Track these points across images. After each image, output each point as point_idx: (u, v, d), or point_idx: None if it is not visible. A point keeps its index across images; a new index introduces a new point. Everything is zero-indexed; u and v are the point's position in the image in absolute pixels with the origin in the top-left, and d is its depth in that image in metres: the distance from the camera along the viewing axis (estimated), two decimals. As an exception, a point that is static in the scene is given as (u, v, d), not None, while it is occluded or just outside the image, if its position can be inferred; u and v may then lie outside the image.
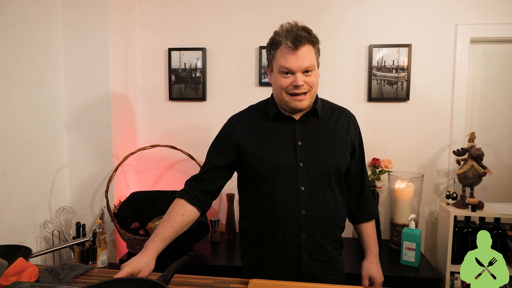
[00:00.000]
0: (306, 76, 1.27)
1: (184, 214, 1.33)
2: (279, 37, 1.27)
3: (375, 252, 1.50)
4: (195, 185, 1.40)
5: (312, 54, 1.27)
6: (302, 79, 1.26)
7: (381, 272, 1.48)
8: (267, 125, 1.37)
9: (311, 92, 1.30)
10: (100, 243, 2.00)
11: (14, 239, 1.83)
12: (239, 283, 1.25)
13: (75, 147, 2.22)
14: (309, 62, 1.26)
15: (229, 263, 2.06)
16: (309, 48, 1.26)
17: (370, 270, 1.47)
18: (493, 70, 2.33)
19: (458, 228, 2.10)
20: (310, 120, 1.36)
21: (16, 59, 1.83)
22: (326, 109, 1.41)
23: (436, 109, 2.33)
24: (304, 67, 1.26)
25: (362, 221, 1.51)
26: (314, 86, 1.30)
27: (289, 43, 1.24)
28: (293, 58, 1.25)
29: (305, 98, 1.29)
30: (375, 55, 2.31)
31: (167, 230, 1.28)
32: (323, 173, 1.32)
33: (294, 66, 1.26)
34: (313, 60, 1.28)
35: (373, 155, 2.36)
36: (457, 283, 2.09)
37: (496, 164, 2.33)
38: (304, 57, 1.25)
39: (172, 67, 2.46)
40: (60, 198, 2.19)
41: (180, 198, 1.36)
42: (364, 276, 1.47)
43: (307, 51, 1.26)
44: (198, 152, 2.39)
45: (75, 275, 1.30)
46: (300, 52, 1.25)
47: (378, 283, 1.46)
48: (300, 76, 1.26)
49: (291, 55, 1.25)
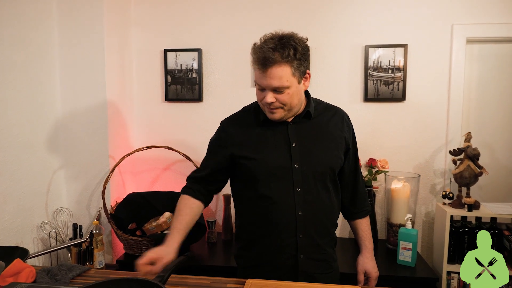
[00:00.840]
0: (278, 93, 1.25)
1: (192, 207, 1.38)
2: (252, 53, 1.26)
3: (370, 247, 1.52)
4: (198, 183, 1.44)
5: (284, 73, 1.22)
6: (273, 96, 1.25)
7: (376, 267, 1.49)
8: (260, 128, 1.37)
9: (286, 108, 1.29)
10: (97, 244, 2.00)
11: (11, 240, 1.83)
12: (236, 283, 1.25)
13: (72, 149, 2.22)
14: (278, 82, 1.22)
15: (226, 263, 2.06)
16: (280, 68, 1.21)
17: (366, 265, 1.48)
18: (489, 70, 2.34)
19: (454, 228, 2.11)
20: (303, 121, 1.37)
21: (11, 60, 1.83)
22: (320, 109, 1.41)
23: (432, 109, 2.34)
24: (272, 87, 1.24)
25: (356, 218, 1.52)
26: (287, 103, 1.27)
27: (257, 64, 1.23)
28: (262, 77, 1.24)
29: (278, 112, 1.30)
30: (371, 55, 2.32)
31: (181, 222, 1.32)
32: (318, 173, 1.33)
33: (263, 84, 1.26)
34: (285, 80, 1.23)
35: (370, 155, 2.37)
36: (453, 283, 2.10)
37: (492, 164, 2.35)
38: (273, 78, 1.22)
39: (168, 68, 2.46)
40: (57, 200, 2.18)
41: (185, 194, 1.41)
42: (360, 271, 1.49)
43: (277, 72, 1.21)
44: (195, 153, 2.39)
45: (72, 276, 1.31)
46: (269, 73, 1.22)
47: (373, 278, 1.47)
48: (270, 94, 1.25)
49: (261, 74, 1.24)
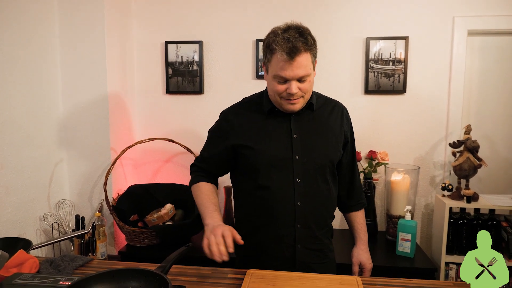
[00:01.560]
0: (301, 83, 1.26)
1: (213, 190, 1.42)
2: (275, 45, 1.23)
3: (365, 239, 1.54)
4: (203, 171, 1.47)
5: (308, 62, 1.25)
6: (297, 86, 1.26)
7: (370, 259, 1.52)
8: (262, 119, 1.37)
9: (305, 97, 1.31)
10: (99, 235, 2.02)
11: (14, 232, 1.85)
12: (236, 273, 1.27)
13: (73, 141, 2.23)
14: (304, 71, 1.24)
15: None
16: (305, 56, 1.23)
17: (360, 257, 1.51)
18: (490, 63, 2.34)
19: (453, 219, 2.13)
20: (305, 114, 1.38)
21: (13, 55, 1.83)
22: (320, 102, 1.42)
23: (433, 101, 2.34)
24: (299, 76, 1.25)
25: (352, 210, 1.54)
26: (308, 92, 1.30)
27: (285, 55, 1.21)
28: (288, 68, 1.23)
29: (298, 102, 1.30)
30: (372, 48, 2.32)
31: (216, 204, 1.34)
32: (319, 165, 1.34)
33: (289, 76, 1.25)
34: (309, 67, 1.26)
35: (370, 148, 2.38)
36: (451, 273, 2.12)
37: (491, 156, 2.35)
38: (300, 67, 1.23)
39: (169, 61, 2.46)
40: (59, 192, 2.20)
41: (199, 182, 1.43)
42: (354, 263, 1.51)
43: (303, 60, 1.23)
44: (196, 145, 2.40)
45: (75, 267, 1.32)
46: (296, 63, 1.22)
47: (367, 269, 1.50)
48: (294, 84, 1.26)
49: (287, 65, 1.23)
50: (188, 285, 1.16)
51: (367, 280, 1.23)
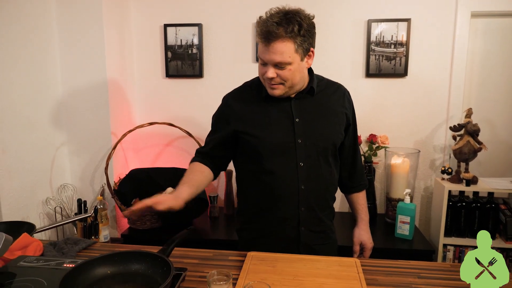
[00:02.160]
0: (279, 69, 1.25)
1: (203, 171, 1.37)
2: (257, 27, 1.25)
3: (366, 220, 1.56)
4: (206, 158, 1.43)
5: (286, 49, 1.21)
6: (274, 71, 1.25)
7: (371, 239, 1.54)
8: (263, 103, 1.37)
9: (286, 85, 1.29)
10: (102, 218, 2.04)
11: (18, 215, 1.87)
12: (238, 255, 1.29)
13: (73, 126, 2.23)
14: (280, 58, 1.22)
15: (228, 237, 2.11)
16: (284, 43, 1.21)
17: (361, 236, 1.53)
18: (493, 45, 2.32)
19: (452, 202, 2.15)
20: (306, 97, 1.37)
21: (10, 40, 1.82)
22: (322, 86, 1.42)
23: (434, 84, 2.33)
24: (274, 62, 1.24)
25: (354, 192, 1.56)
26: (289, 80, 1.27)
27: (260, 38, 1.23)
28: (265, 52, 1.24)
29: (278, 88, 1.29)
30: (374, 30, 2.29)
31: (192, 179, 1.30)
32: (321, 148, 1.35)
33: (265, 59, 1.25)
34: (287, 56, 1.22)
35: (370, 131, 2.38)
36: (449, 255, 2.15)
37: (492, 140, 2.35)
38: (275, 53, 1.22)
39: (168, 44, 2.44)
40: (61, 176, 2.21)
41: (195, 161, 1.41)
42: (355, 242, 1.54)
43: (279, 47, 1.21)
44: (196, 129, 2.40)
45: (79, 249, 1.34)
46: (272, 48, 1.22)
47: (368, 248, 1.52)
48: (271, 69, 1.25)
49: (264, 48, 1.24)
50: (190, 267, 1.18)
51: (365, 262, 1.25)
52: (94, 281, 1.01)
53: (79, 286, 0.98)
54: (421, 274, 1.17)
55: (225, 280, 0.87)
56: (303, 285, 1.07)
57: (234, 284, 1.06)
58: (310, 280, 1.10)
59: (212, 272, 0.89)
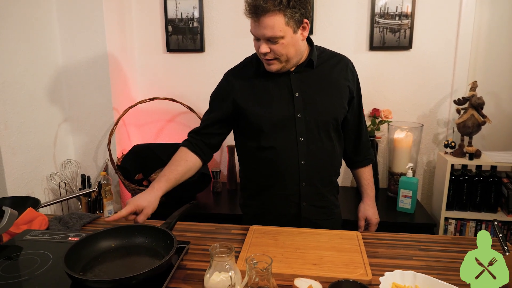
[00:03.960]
0: (272, 44, 1.22)
1: (187, 159, 1.35)
2: (244, 2, 1.21)
3: (372, 195, 1.56)
4: (197, 137, 1.41)
5: (277, 23, 1.18)
6: (267, 46, 1.23)
7: (377, 214, 1.54)
8: (263, 78, 1.35)
9: (281, 59, 1.26)
10: (106, 193, 2.06)
11: (23, 191, 1.89)
12: (240, 229, 1.31)
13: (75, 101, 2.22)
14: (271, 32, 1.19)
15: (230, 211, 2.14)
16: (273, 17, 1.17)
17: (366, 212, 1.53)
18: (500, 17, 2.25)
19: (454, 176, 2.15)
20: (305, 70, 1.35)
21: (9, 15, 1.78)
22: (324, 57, 1.38)
23: (439, 57, 2.28)
24: (265, 37, 1.21)
25: (359, 166, 1.54)
26: (282, 54, 1.24)
27: (249, 14, 1.20)
28: (255, 27, 1.22)
29: (274, 63, 1.27)
30: (378, 2, 2.23)
31: (172, 172, 1.30)
32: (322, 123, 1.33)
33: (256, 34, 1.23)
34: (278, 29, 1.19)
35: (373, 106, 2.35)
36: (450, 228, 2.17)
37: (496, 113, 2.33)
38: (266, 27, 1.19)
39: (169, 17, 2.39)
40: (64, 151, 2.23)
41: (183, 146, 1.39)
42: (361, 218, 1.54)
43: (269, 21, 1.18)
44: (198, 104, 2.39)
45: (83, 223, 1.37)
46: (261, 22, 1.19)
47: (373, 224, 1.53)
48: (264, 44, 1.23)
49: (254, 23, 1.21)
50: (193, 241, 1.20)
51: (367, 235, 1.26)
52: (99, 254, 1.03)
53: (84, 258, 1.00)
54: (422, 247, 1.19)
55: (227, 253, 0.88)
56: (304, 258, 1.08)
57: (237, 257, 1.07)
58: (311, 253, 1.11)
59: (215, 245, 0.90)
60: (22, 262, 1.04)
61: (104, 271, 0.97)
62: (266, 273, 0.81)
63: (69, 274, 0.87)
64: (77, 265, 0.96)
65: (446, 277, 1.00)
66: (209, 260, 0.90)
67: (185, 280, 1.01)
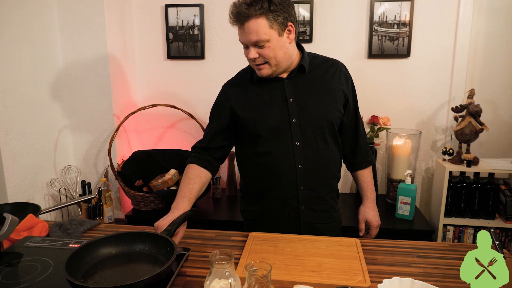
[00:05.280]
0: (259, 48, 1.26)
1: (201, 176, 1.38)
2: (229, 12, 1.27)
3: (372, 197, 1.56)
4: (203, 152, 1.44)
5: (261, 27, 1.23)
6: (255, 51, 1.27)
7: (378, 216, 1.55)
8: (257, 87, 1.38)
9: (271, 63, 1.29)
10: (106, 200, 2.07)
11: (23, 197, 1.90)
12: (240, 236, 1.31)
13: (76, 108, 2.23)
14: (256, 36, 1.23)
15: (230, 218, 2.14)
16: (256, 21, 1.22)
17: (367, 214, 1.54)
18: (497, 25, 2.28)
19: (453, 183, 2.16)
20: (298, 76, 1.37)
21: (10, 20, 1.80)
22: (316, 63, 1.41)
23: (437, 65, 2.31)
24: (251, 42, 1.25)
25: (358, 169, 1.56)
26: (271, 58, 1.28)
27: (234, 21, 1.26)
28: (241, 34, 1.27)
29: (264, 67, 1.30)
30: (377, 10, 2.26)
31: (192, 191, 1.33)
32: (317, 127, 1.35)
33: (242, 41, 1.28)
34: (262, 33, 1.23)
35: (372, 113, 2.37)
36: (449, 235, 2.18)
37: (494, 120, 2.35)
38: (251, 32, 1.23)
39: (170, 25, 2.42)
40: (65, 158, 2.23)
41: (192, 163, 1.41)
42: (361, 220, 1.55)
43: (253, 25, 1.22)
44: (198, 111, 2.41)
45: (84, 230, 1.37)
46: (246, 28, 1.24)
47: (374, 226, 1.53)
48: (252, 49, 1.27)
49: (240, 30, 1.27)
50: (193, 247, 1.20)
51: (365, 242, 1.27)
52: (99, 260, 1.03)
53: (85, 265, 1.00)
54: (420, 254, 1.19)
55: (227, 260, 0.89)
56: (303, 265, 1.09)
57: (236, 264, 1.08)
58: (310, 260, 1.12)
59: (215, 252, 0.91)
60: (23, 269, 1.04)
61: (105, 278, 0.97)
62: (265, 280, 0.81)
63: (70, 281, 0.88)
64: (78, 272, 0.96)
65: (444, 284, 1.00)
66: (209, 267, 0.91)
67: (185, 287, 1.02)
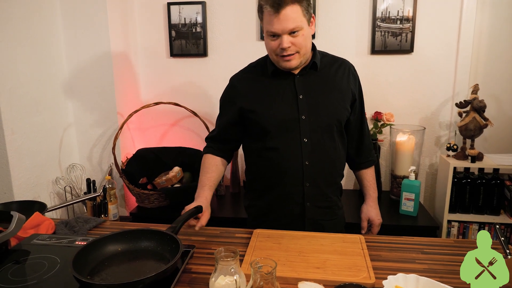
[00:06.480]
0: (293, 37, 1.26)
1: (217, 164, 1.45)
2: (261, 1, 1.25)
3: (374, 196, 1.57)
4: (216, 142, 1.49)
5: (297, 14, 1.23)
6: (289, 40, 1.26)
7: (379, 215, 1.56)
8: (267, 81, 1.38)
9: (301, 52, 1.29)
10: (111, 197, 2.08)
11: (29, 195, 1.91)
12: (244, 233, 1.32)
13: (80, 106, 2.25)
14: (293, 23, 1.23)
15: (234, 215, 2.15)
16: (292, 8, 1.22)
17: (369, 213, 1.55)
18: (501, 19, 2.26)
19: (457, 179, 2.15)
20: (309, 73, 1.38)
21: (12, 19, 1.81)
22: (326, 62, 1.41)
23: (440, 61, 2.30)
24: (288, 29, 1.24)
25: (362, 168, 1.57)
26: (303, 47, 1.28)
27: (269, 8, 1.23)
28: (276, 22, 1.24)
29: (294, 58, 1.30)
30: (380, 6, 2.25)
31: (210, 179, 1.40)
32: (325, 125, 1.36)
33: (278, 29, 1.25)
34: (298, 20, 1.24)
35: (376, 109, 2.37)
36: (453, 231, 2.18)
37: (498, 116, 2.33)
38: (287, 19, 1.22)
39: (172, 23, 2.42)
40: (69, 156, 2.25)
41: (207, 153, 1.47)
42: (363, 219, 1.56)
43: (290, 12, 1.22)
44: (202, 108, 2.41)
45: (89, 227, 1.38)
46: (282, 15, 1.22)
47: (376, 224, 1.54)
48: (286, 38, 1.25)
49: (274, 19, 1.23)
50: (198, 244, 1.21)
51: (370, 238, 1.27)
52: (106, 258, 1.04)
53: (91, 262, 1.01)
54: (424, 250, 1.20)
55: (232, 257, 0.90)
56: (308, 261, 1.10)
57: (241, 261, 1.09)
58: (314, 256, 1.12)
59: (220, 249, 0.92)
60: (30, 266, 1.06)
61: (111, 275, 0.98)
62: (270, 276, 0.82)
63: (77, 278, 0.89)
64: (85, 269, 0.98)
65: (449, 280, 1.01)
66: (214, 264, 0.91)
67: (191, 284, 1.03)
